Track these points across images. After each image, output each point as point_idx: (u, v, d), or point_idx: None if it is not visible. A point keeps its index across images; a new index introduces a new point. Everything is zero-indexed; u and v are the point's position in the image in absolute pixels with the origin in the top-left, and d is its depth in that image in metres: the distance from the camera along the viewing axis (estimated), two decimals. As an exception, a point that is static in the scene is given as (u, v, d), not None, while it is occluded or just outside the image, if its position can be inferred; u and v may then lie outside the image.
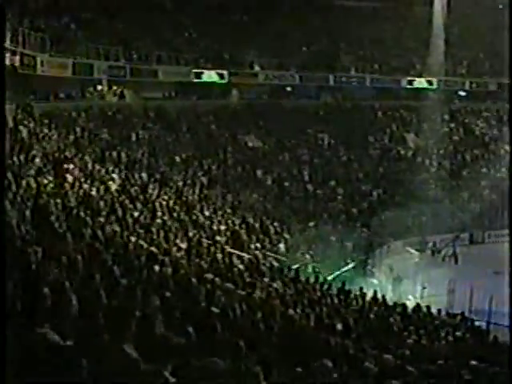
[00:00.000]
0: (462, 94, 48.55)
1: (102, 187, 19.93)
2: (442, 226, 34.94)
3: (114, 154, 27.42)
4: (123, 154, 27.93)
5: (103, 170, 23.09)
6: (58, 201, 15.34)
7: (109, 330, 4.51)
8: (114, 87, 35.50)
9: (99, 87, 35.12)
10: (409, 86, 45.90)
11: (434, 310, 19.93)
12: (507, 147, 45.05)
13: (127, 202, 19.88)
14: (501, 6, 46.41)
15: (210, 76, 38.53)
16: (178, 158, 31.30)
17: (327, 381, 5.61)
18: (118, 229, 15.11)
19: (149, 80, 36.69)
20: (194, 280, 10.53)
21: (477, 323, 20.13)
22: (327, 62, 43.41)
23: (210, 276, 11.99)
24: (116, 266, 8.78)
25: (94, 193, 18.66)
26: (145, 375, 4.26)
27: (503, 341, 18.12)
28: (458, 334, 17.62)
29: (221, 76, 38.91)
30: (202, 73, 38.10)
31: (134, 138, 31.30)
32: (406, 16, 45.79)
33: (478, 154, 43.90)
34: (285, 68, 42.06)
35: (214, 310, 8.34)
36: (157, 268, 11.21)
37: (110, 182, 21.50)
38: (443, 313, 20.36)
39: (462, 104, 48.83)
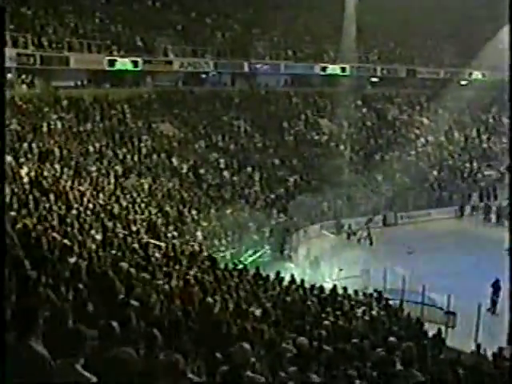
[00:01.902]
0: (374, 80, 49.70)
1: (12, 180, 19.33)
2: (356, 209, 35.93)
3: (25, 145, 26.62)
4: (34, 145, 27.16)
5: (14, 162, 22.37)
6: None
7: (16, 327, 4.39)
8: (24, 76, 34.30)
9: (8, 76, 33.86)
10: (322, 73, 46.54)
11: (350, 291, 20.45)
12: (417, 131, 46.60)
13: (40, 194, 19.40)
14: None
15: (123, 64, 37.79)
16: (91, 148, 30.63)
17: (246, 364, 5.68)
18: (29, 222, 14.71)
19: (60, 68, 35.62)
20: (109, 271, 10.38)
21: (391, 302, 20.88)
22: (241, 49, 43.43)
23: (125, 266, 11.86)
24: (27, 261, 8.54)
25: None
26: (55, 371, 4.19)
27: (415, 317, 18.93)
28: (373, 312, 18.20)
29: (135, 63, 38.26)
30: (115, 60, 37.31)
31: (45, 128, 30.39)
32: (318, 3, 46.30)
33: (390, 139, 45.09)
34: (199, 55, 41.80)
35: (130, 300, 8.27)
36: (71, 260, 10.99)
37: (22, 174, 20.91)
38: (360, 293, 20.92)
39: (374, 90, 50.09)
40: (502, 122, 51.27)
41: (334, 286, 20.51)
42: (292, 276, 20.88)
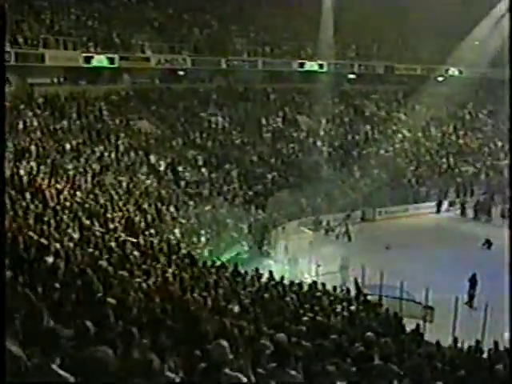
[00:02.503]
0: (352, 76, 49.83)
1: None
2: (334, 205, 36.00)
3: (1, 142, 26.28)
4: (10, 144, 26.85)
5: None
6: None
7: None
8: (-2, 73, 33.89)
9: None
10: (300, 69, 46.55)
11: (329, 287, 20.51)
12: (395, 127, 46.84)
13: (16, 192, 19.20)
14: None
15: (100, 60, 37.44)
16: (68, 145, 30.35)
17: (224, 361, 5.67)
18: (6, 221, 14.53)
19: (35, 65, 35.22)
20: (87, 270, 10.30)
21: (370, 297, 20.99)
22: (219, 45, 43.27)
23: (103, 265, 11.78)
24: (3, 260, 8.44)
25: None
26: (31, 371, 4.14)
27: (393, 312, 19.01)
28: (352, 308, 18.27)
29: (111, 60, 37.95)
30: (91, 57, 36.96)
31: (21, 125, 30.07)
32: (296, 0, 46.30)
33: (367, 135, 45.27)
34: (177, 52, 41.59)
35: (108, 298, 8.22)
36: (49, 260, 10.90)
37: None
38: (338, 289, 21.00)
39: (352, 86, 50.23)
40: (479, 118, 51.84)
41: (313, 282, 20.56)
42: (271, 272, 20.91)
